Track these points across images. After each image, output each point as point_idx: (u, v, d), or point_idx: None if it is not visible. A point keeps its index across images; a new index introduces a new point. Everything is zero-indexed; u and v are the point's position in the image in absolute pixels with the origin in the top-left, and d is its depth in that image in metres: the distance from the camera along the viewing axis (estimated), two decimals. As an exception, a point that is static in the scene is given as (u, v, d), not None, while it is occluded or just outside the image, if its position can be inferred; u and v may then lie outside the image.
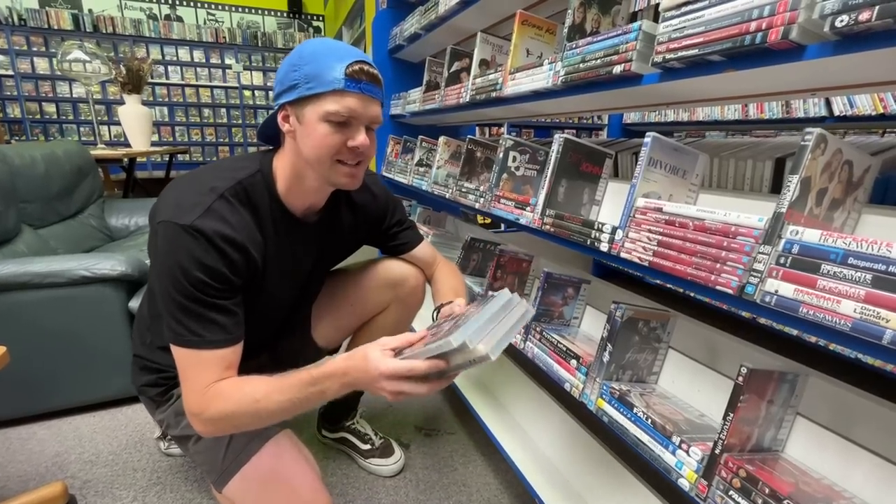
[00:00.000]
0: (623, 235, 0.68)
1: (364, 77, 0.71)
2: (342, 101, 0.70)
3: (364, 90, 0.71)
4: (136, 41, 5.31)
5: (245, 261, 0.74)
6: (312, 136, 0.72)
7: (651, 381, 0.81)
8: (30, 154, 1.79)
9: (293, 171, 0.78)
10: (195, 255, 0.68)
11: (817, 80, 0.58)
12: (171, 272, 0.68)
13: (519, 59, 1.07)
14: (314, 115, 0.70)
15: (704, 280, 0.55)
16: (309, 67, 0.69)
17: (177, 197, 0.72)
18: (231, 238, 0.71)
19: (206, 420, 0.70)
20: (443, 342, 0.57)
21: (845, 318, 0.41)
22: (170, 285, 0.68)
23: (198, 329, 0.69)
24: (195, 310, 0.69)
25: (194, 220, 0.68)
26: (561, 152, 0.85)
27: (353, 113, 0.71)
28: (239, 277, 0.74)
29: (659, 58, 0.63)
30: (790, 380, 0.59)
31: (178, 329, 0.69)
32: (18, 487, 1.10)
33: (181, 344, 0.70)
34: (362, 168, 0.79)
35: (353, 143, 0.73)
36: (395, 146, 1.97)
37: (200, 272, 0.68)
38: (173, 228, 0.68)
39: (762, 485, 0.50)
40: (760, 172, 0.77)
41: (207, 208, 0.70)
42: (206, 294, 0.69)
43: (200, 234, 0.68)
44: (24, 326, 1.26)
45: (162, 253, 0.69)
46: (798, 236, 0.46)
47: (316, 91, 0.69)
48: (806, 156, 0.46)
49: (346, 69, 0.69)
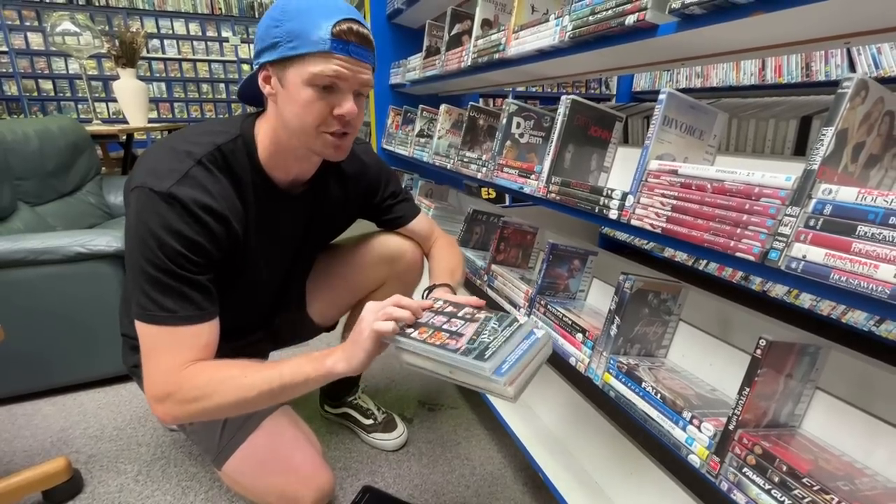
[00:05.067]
0: (634, 201, 0.63)
1: (353, 38, 0.64)
2: (328, 64, 0.63)
3: (353, 53, 0.65)
4: (129, 14, 5.17)
5: (226, 232, 0.70)
6: (295, 102, 0.66)
7: (660, 355, 0.78)
8: (22, 130, 1.75)
9: (275, 138, 0.72)
10: (171, 225, 0.63)
11: (848, 22, 0.52)
12: (143, 242, 0.63)
13: (524, 17, 1.00)
14: (297, 78, 0.64)
15: (723, 246, 0.51)
16: (292, 24, 0.63)
17: (150, 163, 0.67)
18: (210, 207, 0.66)
19: (180, 401, 0.63)
20: (472, 363, 0.56)
21: (884, 283, 0.37)
22: (141, 256, 0.63)
23: (167, 304, 0.63)
24: (169, 284, 0.63)
25: (170, 187, 0.63)
26: (568, 115, 0.80)
27: (341, 77, 0.65)
28: (219, 250, 0.69)
29: (677, 3, 0.57)
30: (811, 353, 0.55)
31: (146, 303, 0.63)
32: (24, 462, 1.11)
33: (150, 321, 0.64)
34: (350, 139, 0.72)
35: (339, 110, 0.67)
36: (395, 117, 1.90)
37: (177, 242, 0.63)
38: (147, 195, 0.63)
39: (779, 462, 0.47)
40: (783, 133, 0.71)
41: (185, 174, 0.65)
42: (181, 267, 0.64)
43: (177, 202, 0.63)
44: (21, 304, 1.25)
45: (134, 221, 0.64)
46: (831, 196, 0.42)
47: (299, 51, 0.63)
48: (844, 105, 0.41)
49: (332, 28, 0.62)
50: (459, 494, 1.05)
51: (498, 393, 0.56)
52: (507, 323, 0.65)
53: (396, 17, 1.89)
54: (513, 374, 0.56)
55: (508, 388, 0.55)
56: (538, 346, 0.64)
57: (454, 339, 0.61)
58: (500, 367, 0.56)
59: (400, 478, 1.09)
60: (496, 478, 1.10)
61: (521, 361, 0.59)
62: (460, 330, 0.63)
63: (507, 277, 1.04)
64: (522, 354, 0.60)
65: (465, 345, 0.59)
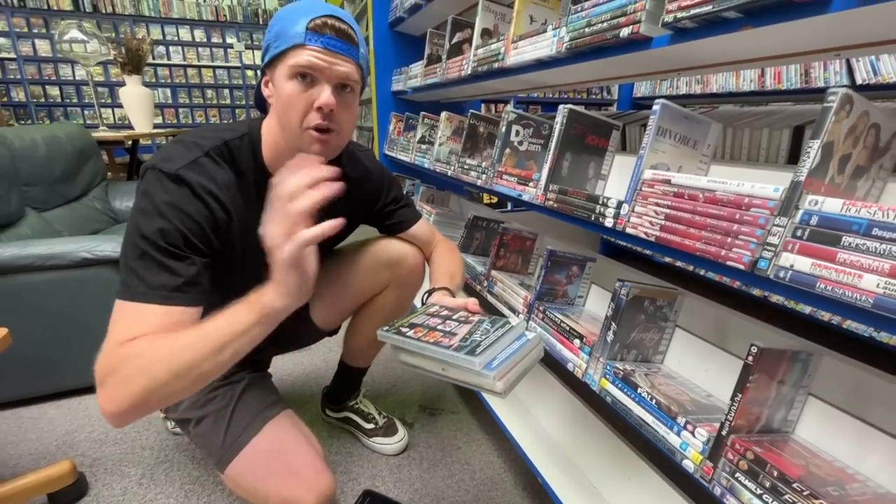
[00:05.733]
0: (629, 210, 0.64)
1: (329, 31, 0.66)
2: (301, 55, 0.66)
3: (328, 45, 0.66)
4: (135, 21, 5.24)
5: (227, 220, 0.72)
6: (280, 97, 0.69)
7: (657, 361, 0.79)
8: (30, 136, 1.78)
9: (274, 137, 0.76)
10: (174, 202, 0.64)
11: (840, 36, 0.53)
12: (146, 215, 0.63)
13: (522, 27, 1.01)
14: (281, 74, 0.68)
15: (714, 255, 0.52)
16: (278, 26, 0.67)
17: (163, 153, 0.70)
18: (214, 193, 0.69)
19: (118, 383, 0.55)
20: (464, 358, 0.58)
21: (867, 293, 0.38)
22: (139, 230, 0.62)
23: (151, 279, 0.60)
24: (156, 258, 0.61)
25: (178, 168, 0.66)
26: (565, 124, 0.81)
27: (314, 67, 0.66)
28: (216, 236, 0.70)
29: (670, 17, 0.58)
30: (803, 359, 0.56)
31: (130, 280, 0.60)
32: (30, 465, 1.12)
33: (125, 297, 0.60)
34: (335, 137, 0.72)
35: (318, 101, 0.67)
36: (397, 123, 1.92)
37: (178, 221, 0.64)
38: (157, 174, 0.65)
39: (770, 467, 0.48)
40: (777, 142, 0.72)
41: (194, 160, 0.68)
42: (175, 245, 0.63)
43: (184, 183, 0.66)
44: (28, 308, 1.27)
45: (140, 197, 0.65)
46: (817, 206, 0.43)
47: (281, 48, 0.67)
48: (829, 118, 0.43)
49: (308, 23, 0.65)
50: (459, 499, 1.05)
51: (488, 388, 0.59)
52: (499, 325, 0.68)
53: (399, 25, 1.91)
54: (502, 370, 0.59)
55: (498, 382, 0.58)
56: (529, 346, 0.66)
57: (447, 337, 0.64)
58: (491, 363, 0.59)
59: (400, 482, 1.10)
60: (496, 482, 1.10)
61: (511, 359, 0.61)
62: (454, 330, 0.66)
63: (506, 283, 1.05)
64: (513, 353, 0.63)
65: (458, 342, 0.62)
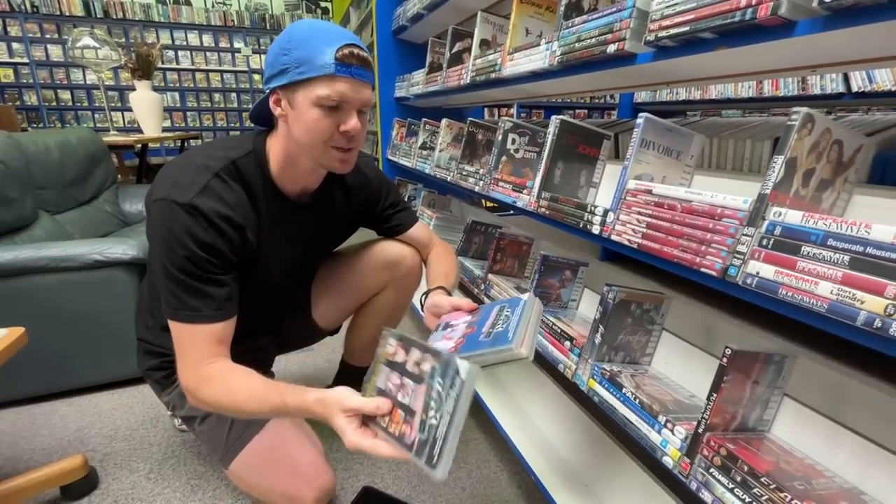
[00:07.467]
0: (614, 217, 0.68)
1: (354, 61, 0.71)
2: (333, 86, 0.70)
3: (354, 74, 0.71)
4: (145, 26, 5.33)
5: (241, 239, 0.77)
6: (304, 121, 0.72)
7: (644, 363, 0.82)
8: (44, 141, 1.83)
9: (286, 153, 0.79)
10: (193, 233, 0.70)
11: (810, 56, 0.56)
12: (170, 248, 0.71)
13: (518, 39, 1.05)
14: (305, 100, 0.71)
15: (689, 262, 0.55)
16: (299, 52, 0.69)
17: (172, 176, 0.74)
18: (228, 216, 0.74)
19: (199, 401, 0.74)
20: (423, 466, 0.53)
21: (822, 299, 0.41)
22: (167, 260, 0.71)
23: (193, 303, 0.72)
24: (191, 284, 0.72)
25: (192, 199, 0.70)
26: (557, 134, 0.85)
27: (345, 98, 0.71)
28: (235, 255, 0.76)
29: (651, 36, 0.62)
30: (777, 361, 0.59)
31: (174, 303, 0.72)
32: (43, 459, 1.17)
33: (176, 318, 0.73)
34: (354, 153, 0.79)
35: (344, 127, 0.73)
36: (399, 129, 1.96)
37: (199, 248, 0.71)
38: (170, 206, 0.70)
39: (741, 463, 0.51)
40: (759, 152, 0.75)
41: (204, 186, 0.72)
42: (203, 269, 0.72)
43: (198, 213, 0.70)
44: (42, 308, 1.31)
45: (160, 230, 0.71)
46: (781, 218, 0.46)
47: (307, 76, 0.69)
48: (792, 136, 0.46)
49: (336, 53, 0.69)
50: (456, 496, 1.08)
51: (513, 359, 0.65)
52: (495, 306, 0.75)
53: (402, 34, 1.96)
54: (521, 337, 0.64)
55: (522, 349, 0.63)
56: (528, 307, 0.71)
57: (408, 424, 0.57)
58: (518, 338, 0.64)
59: (399, 479, 1.13)
60: (491, 480, 1.13)
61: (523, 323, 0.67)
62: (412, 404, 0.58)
63: (502, 287, 1.08)
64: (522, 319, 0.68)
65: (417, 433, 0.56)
